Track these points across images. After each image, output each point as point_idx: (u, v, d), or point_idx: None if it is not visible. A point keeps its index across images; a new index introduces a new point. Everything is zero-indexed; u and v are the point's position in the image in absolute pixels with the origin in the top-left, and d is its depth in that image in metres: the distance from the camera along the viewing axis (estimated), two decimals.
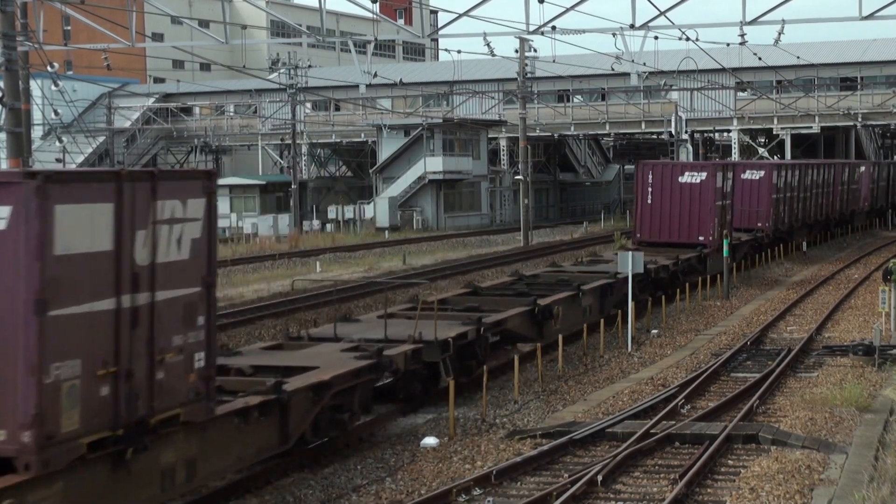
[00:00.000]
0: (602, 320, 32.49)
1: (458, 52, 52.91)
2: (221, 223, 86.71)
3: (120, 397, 13.14)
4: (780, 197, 56.26)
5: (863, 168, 78.59)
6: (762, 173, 54.80)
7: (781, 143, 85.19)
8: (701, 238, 43.85)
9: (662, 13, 37.17)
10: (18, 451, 12.13)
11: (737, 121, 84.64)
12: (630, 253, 32.50)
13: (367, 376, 20.44)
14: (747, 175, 54.08)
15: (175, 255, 13.96)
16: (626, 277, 32.78)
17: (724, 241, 44.64)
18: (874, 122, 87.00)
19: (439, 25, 45.19)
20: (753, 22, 36.37)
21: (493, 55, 46.47)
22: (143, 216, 13.34)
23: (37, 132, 73.56)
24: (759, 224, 53.81)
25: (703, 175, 44.20)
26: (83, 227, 12.47)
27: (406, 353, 22.01)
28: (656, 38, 42.08)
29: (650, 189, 44.10)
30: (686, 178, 44.01)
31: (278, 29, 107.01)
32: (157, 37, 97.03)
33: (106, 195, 12.80)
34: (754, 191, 54.04)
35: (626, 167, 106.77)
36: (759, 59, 66.00)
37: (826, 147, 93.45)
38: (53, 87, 43.17)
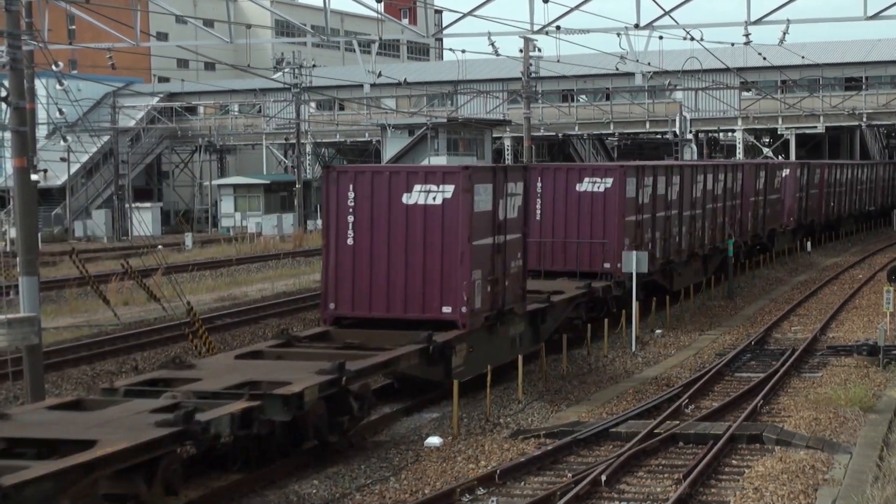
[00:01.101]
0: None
1: (463, 51, 52.87)
2: (225, 222, 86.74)
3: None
4: (640, 219, 36.00)
5: (786, 172, 59.39)
6: (609, 182, 34.68)
7: (786, 143, 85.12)
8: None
9: (667, 13, 37.10)
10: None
11: (741, 121, 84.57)
12: (634, 252, 32.44)
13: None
14: (586, 185, 34.86)
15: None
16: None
17: (729, 241, 44.60)
18: (879, 122, 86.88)
19: (444, 25, 45.18)
20: (758, 22, 36.28)
21: (498, 55, 46.41)
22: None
23: (41, 131, 73.55)
24: (607, 264, 34.37)
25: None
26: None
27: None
28: (661, 37, 41.92)
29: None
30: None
31: (283, 28, 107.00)
32: (162, 36, 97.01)
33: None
34: (597, 207, 34.76)
35: None
36: (764, 58, 65.89)
37: (831, 147, 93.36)
38: (58, 87, 43.16)
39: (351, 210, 24.62)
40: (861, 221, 78.18)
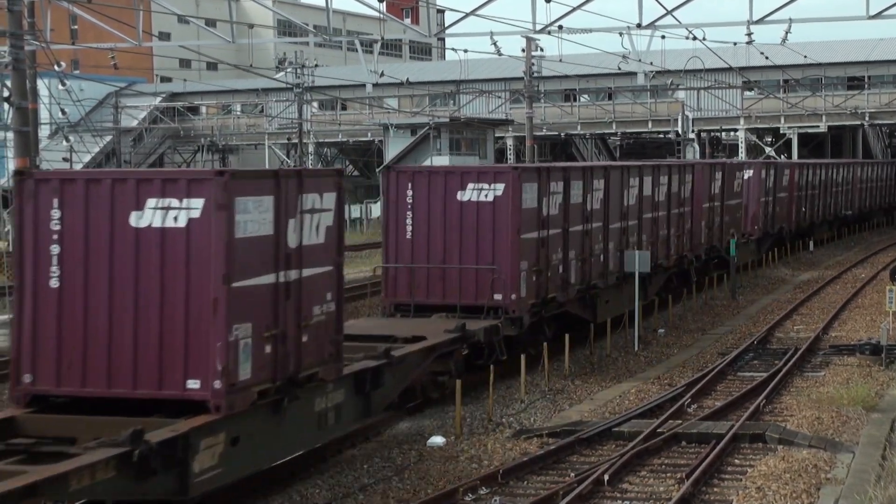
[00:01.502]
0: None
1: (465, 51, 52.88)
2: None
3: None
4: (545, 236, 28.51)
5: (748, 173, 52.22)
6: (499, 189, 26.99)
7: (788, 143, 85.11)
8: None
9: (669, 12, 37.13)
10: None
11: (744, 120, 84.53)
12: (637, 252, 32.41)
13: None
14: (470, 193, 27.11)
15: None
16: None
17: (731, 240, 44.57)
18: (882, 122, 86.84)
19: (446, 24, 45.18)
20: (760, 21, 36.32)
21: (500, 54, 46.46)
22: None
23: (44, 131, 73.51)
24: (498, 295, 26.80)
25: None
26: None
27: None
28: (663, 37, 41.99)
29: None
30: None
31: (285, 28, 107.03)
32: (164, 36, 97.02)
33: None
34: (484, 221, 27.05)
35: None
36: (766, 58, 65.90)
37: (833, 146, 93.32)
38: (60, 87, 43.24)
39: None
40: (837, 228, 71.43)
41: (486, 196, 26.70)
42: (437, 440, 21.38)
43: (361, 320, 28.80)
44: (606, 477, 18.48)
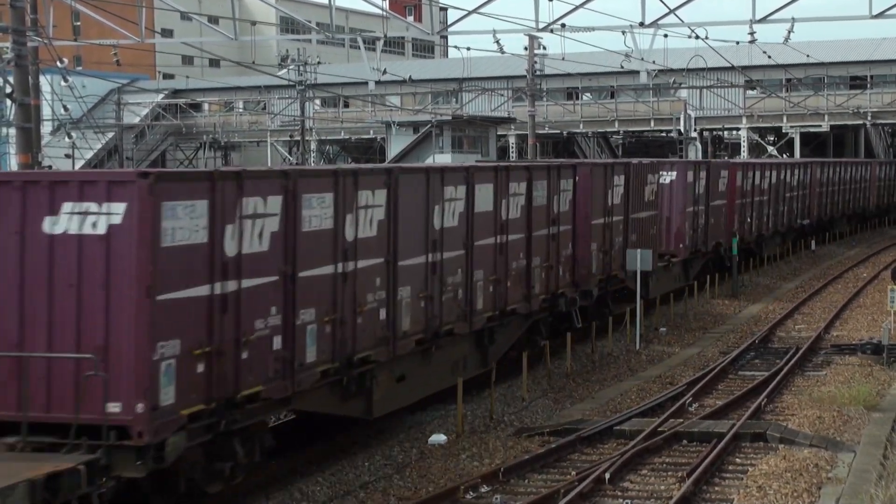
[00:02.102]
0: None
1: (468, 49, 52.96)
2: None
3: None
4: (222, 299, 16.50)
5: (669, 175, 41.39)
6: (117, 216, 15.04)
7: (791, 142, 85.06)
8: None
9: (672, 11, 37.09)
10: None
11: (746, 119, 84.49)
12: (638, 250, 32.40)
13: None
14: (64, 223, 15.23)
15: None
16: None
17: (733, 239, 44.56)
18: (884, 121, 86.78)
19: (449, 22, 45.18)
20: (763, 20, 36.28)
21: (503, 52, 46.37)
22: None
23: (46, 128, 73.55)
24: (113, 406, 14.91)
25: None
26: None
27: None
28: (666, 35, 41.95)
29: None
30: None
31: (288, 25, 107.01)
32: (167, 33, 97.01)
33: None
34: (91, 273, 15.16)
35: None
36: (769, 57, 65.80)
37: (835, 146, 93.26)
38: (63, 83, 43.21)
39: None
40: (791, 241, 59.14)
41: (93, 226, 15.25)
42: (439, 438, 21.39)
43: None
44: (607, 475, 18.48)
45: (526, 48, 59.88)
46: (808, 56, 72.96)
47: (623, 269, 33.13)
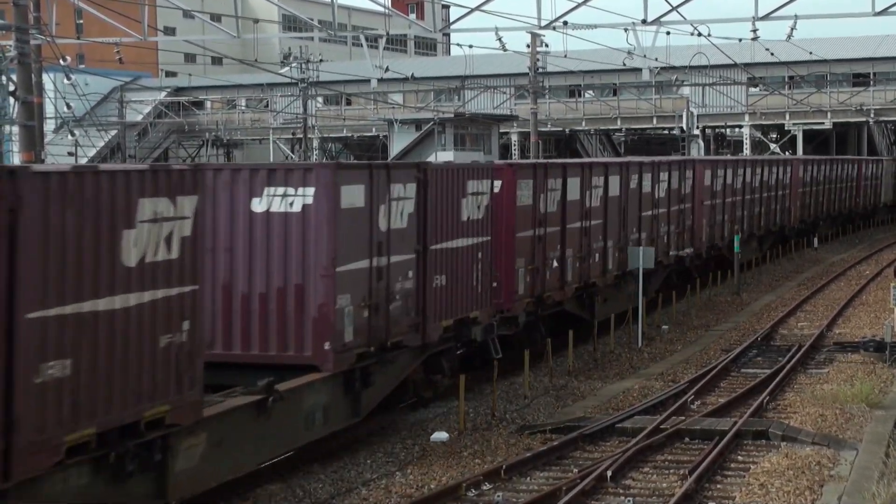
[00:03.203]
0: None
1: (470, 46, 52.93)
2: None
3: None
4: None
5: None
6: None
7: (793, 139, 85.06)
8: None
9: (674, 8, 37.10)
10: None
11: (748, 116, 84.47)
12: (640, 248, 32.45)
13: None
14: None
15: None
16: None
17: (736, 237, 44.55)
18: (887, 119, 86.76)
19: (451, 20, 45.21)
20: (766, 17, 36.29)
21: (505, 50, 46.41)
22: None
23: (49, 126, 73.56)
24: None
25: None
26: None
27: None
28: (668, 33, 42.04)
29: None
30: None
31: (290, 23, 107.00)
32: (170, 31, 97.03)
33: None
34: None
35: None
36: (772, 54, 65.81)
37: (838, 143, 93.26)
38: (66, 81, 43.22)
39: None
40: (716, 267, 44.74)
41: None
42: (441, 435, 21.40)
43: None
44: (609, 473, 18.49)
45: (528, 46, 59.91)
46: (810, 53, 72.97)
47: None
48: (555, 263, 28.60)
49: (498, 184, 25.72)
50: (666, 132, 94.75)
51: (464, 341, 24.12)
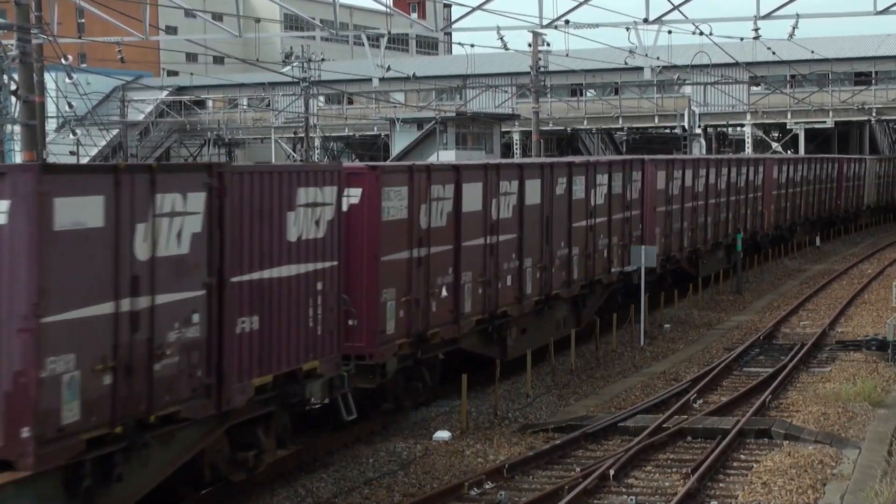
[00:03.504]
0: None
1: (472, 45, 52.94)
2: None
3: None
4: None
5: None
6: None
7: (795, 138, 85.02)
8: None
9: (676, 7, 37.08)
10: None
11: (750, 115, 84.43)
12: (643, 247, 32.40)
13: None
14: None
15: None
16: None
17: (738, 235, 44.52)
18: (889, 118, 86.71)
19: (453, 19, 45.20)
20: (767, 16, 36.26)
21: (507, 49, 46.39)
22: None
23: (51, 125, 73.63)
24: None
25: None
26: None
27: None
28: (670, 32, 41.92)
29: None
30: None
31: (292, 22, 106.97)
32: (171, 30, 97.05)
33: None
34: None
35: None
36: (773, 53, 65.77)
37: (840, 142, 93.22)
38: (67, 80, 43.18)
39: None
40: (675, 283, 40.01)
41: None
42: (443, 434, 21.40)
43: None
44: (612, 472, 18.48)
45: (530, 45, 59.89)
46: (812, 52, 72.93)
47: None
48: (443, 292, 23.07)
49: (356, 192, 20.63)
50: (668, 131, 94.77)
51: (294, 402, 18.08)
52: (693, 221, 41.24)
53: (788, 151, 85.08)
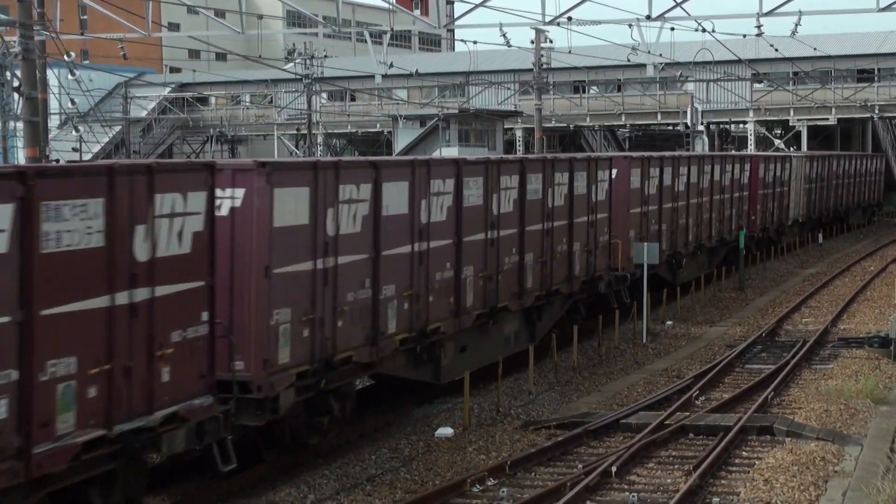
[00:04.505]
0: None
1: (475, 42, 52.88)
2: None
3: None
4: None
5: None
6: None
7: (798, 135, 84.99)
8: None
9: (679, 4, 37.06)
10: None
11: (753, 112, 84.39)
12: (646, 244, 32.38)
13: None
14: None
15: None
16: None
17: (740, 234, 44.49)
18: (891, 115, 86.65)
19: (455, 16, 45.20)
20: (770, 13, 36.23)
21: (509, 46, 46.36)
22: None
23: (53, 121, 73.59)
24: None
25: None
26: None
27: None
28: (672, 29, 41.85)
29: None
30: None
31: (294, 19, 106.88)
32: (174, 26, 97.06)
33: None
34: None
35: None
36: (776, 50, 65.71)
37: (843, 139, 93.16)
38: (70, 77, 43.19)
39: None
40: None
41: None
42: (446, 431, 21.41)
43: None
44: (614, 469, 18.49)
45: (532, 42, 59.87)
46: (815, 49, 72.88)
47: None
48: (354, 310, 19.74)
49: (239, 192, 17.24)
50: (670, 128, 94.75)
51: (134, 451, 14.49)
52: (673, 223, 38.43)
53: (791, 148, 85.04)
